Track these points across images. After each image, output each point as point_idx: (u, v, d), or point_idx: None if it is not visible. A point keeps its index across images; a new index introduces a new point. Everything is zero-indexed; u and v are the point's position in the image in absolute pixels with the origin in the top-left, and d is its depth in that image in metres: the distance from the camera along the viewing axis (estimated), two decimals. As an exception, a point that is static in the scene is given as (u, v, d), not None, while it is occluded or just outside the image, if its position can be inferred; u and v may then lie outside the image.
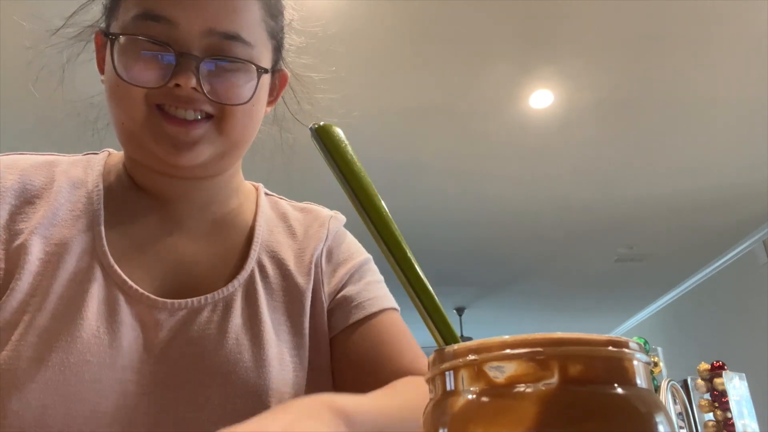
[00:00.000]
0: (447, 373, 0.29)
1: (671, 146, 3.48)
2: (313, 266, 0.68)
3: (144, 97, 0.56)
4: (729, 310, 5.07)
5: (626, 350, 0.28)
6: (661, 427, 0.27)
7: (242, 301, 0.62)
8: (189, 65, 0.55)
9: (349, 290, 0.68)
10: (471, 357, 0.28)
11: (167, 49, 0.56)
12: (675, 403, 1.30)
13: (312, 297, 0.67)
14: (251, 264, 0.65)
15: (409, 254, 0.32)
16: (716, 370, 1.68)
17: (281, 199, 0.77)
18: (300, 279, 0.67)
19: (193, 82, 0.55)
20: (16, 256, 0.56)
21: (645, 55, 2.78)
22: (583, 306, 6.51)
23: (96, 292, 0.57)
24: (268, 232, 0.69)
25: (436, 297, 0.32)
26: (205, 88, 0.56)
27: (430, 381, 0.31)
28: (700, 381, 1.71)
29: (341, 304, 0.67)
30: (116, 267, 0.58)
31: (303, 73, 0.75)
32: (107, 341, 0.55)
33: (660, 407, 0.28)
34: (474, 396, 0.27)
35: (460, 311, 6.49)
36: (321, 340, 0.66)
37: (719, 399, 1.65)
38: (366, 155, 3.55)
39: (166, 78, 0.55)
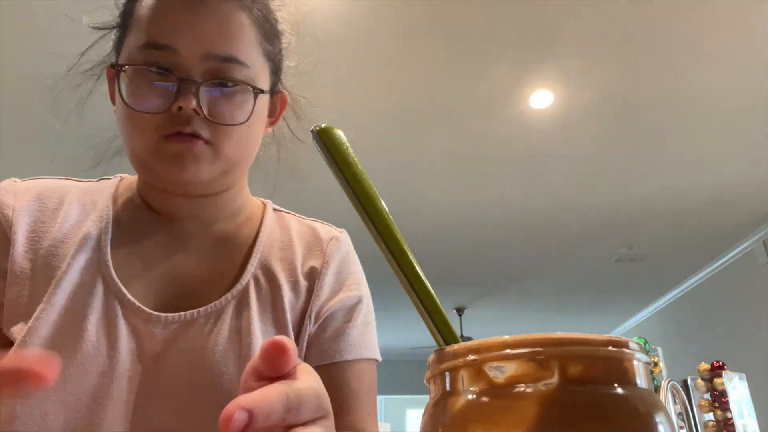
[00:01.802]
0: (447, 373, 0.29)
1: (671, 146, 3.48)
2: (304, 286, 0.69)
3: (154, 128, 0.60)
4: (729, 310, 5.07)
5: (626, 350, 0.28)
6: (661, 427, 0.27)
7: (233, 314, 0.64)
8: (189, 89, 0.59)
9: (331, 326, 0.69)
10: (471, 357, 0.28)
11: (169, 76, 0.60)
12: (675, 403, 1.30)
13: (300, 316, 0.68)
14: (246, 277, 0.67)
15: (410, 255, 0.32)
16: (716, 370, 1.68)
17: (290, 214, 0.78)
18: (291, 295, 0.68)
19: (194, 104, 0.59)
20: (23, 273, 0.61)
21: (645, 55, 2.79)
22: (583, 306, 6.51)
23: (97, 305, 0.60)
24: (269, 247, 0.71)
25: (436, 297, 0.32)
26: (205, 110, 0.60)
27: (430, 381, 0.31)
28: (700, 381, 1.71)
29: (319, 340, 0.68)
30: (117, 281, 0.62)
31: (300, 95, 0.78)
32: (105, 352, 0.58)
33: (660, 407, 0.28)
34: (474, 396, 0.27)
35: (460, 311, 6.49)
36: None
37: (719, 399, 1.65)
38: (366, 155, 3.55)
39: (169, 104, 0.59)
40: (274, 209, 0.77)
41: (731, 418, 1.59)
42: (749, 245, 4.72)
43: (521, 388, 0.26)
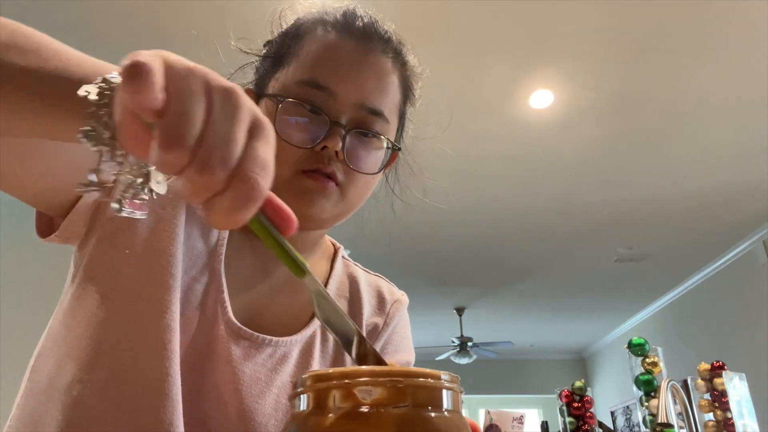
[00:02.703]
0: (319, 392, 0.36)
1: (671, 146, 3.48)
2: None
3: (295, 161, 0.62)
4: (729, 310, 5.07)
5: (432, 380, 0.36)
6: None
7: (297, 359, 0.66)
8: (338, 132, 0.62)
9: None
10: (345, 380, 0.35)
11: (322, 116, 0.62)
12: (675, 403, 1.30)
13: None
14: (315, 325, 0.68)
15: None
16: (716, 370, 1.68)
17: (356, 265, 0.81)
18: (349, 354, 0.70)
19: (339, 146, 0.61)
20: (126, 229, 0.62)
21: (645, 55, 2.79)
22: (583, 306, 6.51)
23: (198, 290, 0.62)
24: (337, 296, 0.73)
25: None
26: (345, 155, 0.63)
27: (297, 397, 0.37)
28: (700, 381, 1.71)
29: None
30: (222, 275, 0.63)
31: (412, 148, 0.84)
32: (190, 338, 0.60)
33: (462, 428, 0.36)
34: (342, 414, 0.34)
35: (460, 311, 6.49)
36: None
37: (719, 399, 1.65)
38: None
39: (315, 141, 0.61)
40: (343, 257, 0.80)
41: (731, 418, 1.59)
42: (749, 245, 4.72)
43: (380, 408, 0.34)
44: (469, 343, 6.50)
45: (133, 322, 0.56)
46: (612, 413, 7.53)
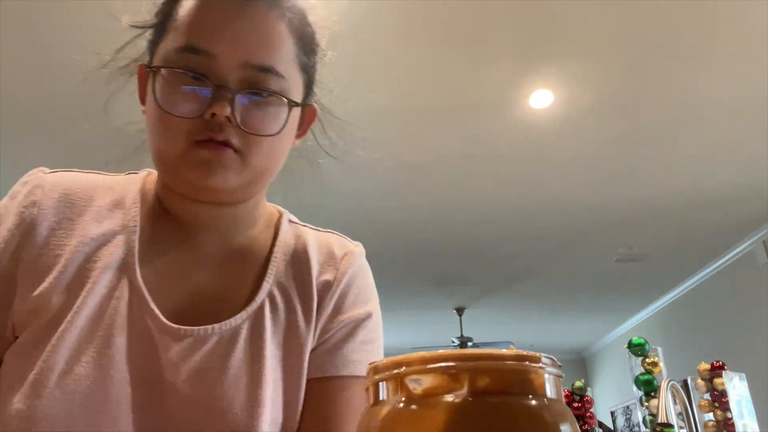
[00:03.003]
0: (378, 384, 0.33)
1: (671, 146, 3.48)
2: (315, 305, 0.68)
3: (185, 133, 0.59)
4: (729, 310, 5.07)
5: (532, 364, 0.31)
6: None
7: (247, 336, 0.63)
8: (224, 96, 0.59)
9: (334, 341, 0.68)
10: (395, 371, 0.32)
11: (205, 82, 0.59)
12: (675, 403, 1.30)
13: (311, 333, 0.67)
14: (261, 296, 0.66)
15: None
16: (716, 370, 1.68)
17: (306, 226, 0.76)
18: (304, 317, 0.67)
19: (228, 111, 0.58)
20: (49, 271, 0.60)
21: (645, 55, 2.79)
22: (583, 306, 6.51)
23: (122, 309, 0.60)
24: (284, 262, 0.70)
25: None
26: (238, 119, 0.59)
27: (366, 390, 0.35)
28: (700, 381, 1.71)
29: (319, 351, 0.67)
30: (143, 286, 0.61)
31: (330, 109, 0.79)
32: (126, 359, 0.58)
33: (567, 416, 0.31)
34: (396, 405, 0.31)
35: (460, 311, 6.49)
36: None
37: (719, 399, 1.65)
38: (366, 155, 3.55)
39: (203, 109, 0.58)
40: (290, 221, 0.76)
41: (731, 418, 1.59)
42: (749, 245, 4.72)
43: (435, 398, 0.30)
44: (469, 343, 6.50)
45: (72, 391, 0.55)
46: (612, 413, 7.53)
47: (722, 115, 3.20)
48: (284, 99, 0.62)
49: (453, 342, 6.58)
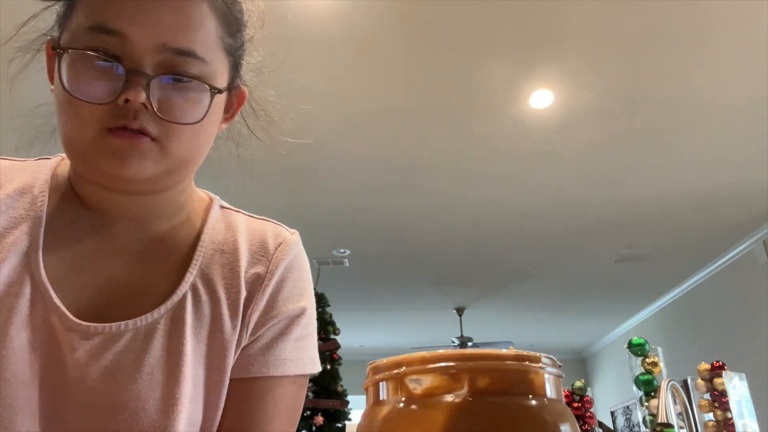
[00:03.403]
0: (378, 384, 0.33)
1: (671, 146, 3.48)
2: (242, 300, 0.63)
3: (96, 119, 0.54)
4: (729, 310, 5.07)
5: (531, 364, 0.31)
6: None
7: (165, 331, 0.59)
8: (139, 81, 0.54)
9: (266, 340, 0.64)
10: (395, 371, 0.32)
11: (117, 65, 0.54)
12: (675, 403, 1.30)
13: (239, 330, 0.63)
14: (183, 288, 0.61)
15: None
16: (716, 370, 1.68)
17: (238, 212, 0.71)
18: (230, 312, 0.62)
19: (143, 97, 0.53)
20: None
21: (645, 55, 2.79)
22: (583, 306, 6.51)
23: (23, 307, 0.55)
24: (212, 251, 0.65)
25: None
26: (155, 105, 0.54)
27: (366, 390, 0.34)
28: (700, 381, 1.71)
29: (248, 350, 0.63)
30: (46, 282, 0.57)
31: (260, 92, 0.72)
32: (27, 359, 0.54)
33: (566, 416, 0.31)
34: (396, 405, 0.31)
35: (460, 311, 6.49)
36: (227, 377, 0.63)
37: (719, 399, 1.65)
38: (366, 155, 3.55)
39: (115, 94, 0.54)
40: (222, 206, 0.70)
41: (731, 418, 1.59)
42: (749, 245, 4.72)
43: (435, 398, 0.30)
44: (469, 343, 6.50)
45: None
46: (612, 413, 7.53)
47: (722, 115, 3.20)
48: (206, 85, 0.57)
49: (453, 342, 6.58)
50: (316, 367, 0.67)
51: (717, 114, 3.20)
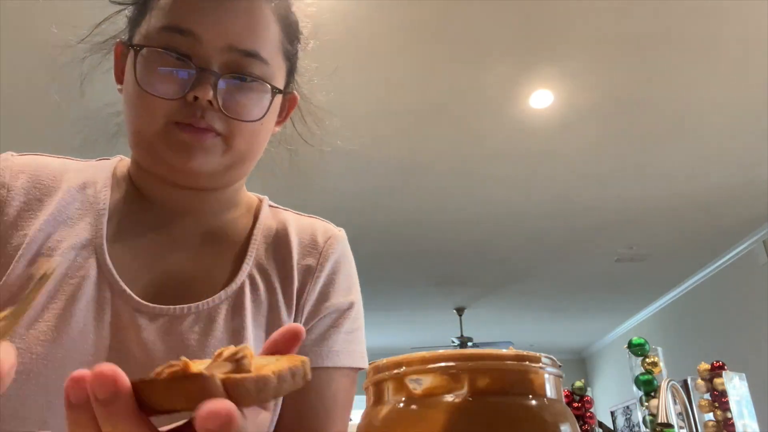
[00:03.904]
0: (378, 383, 0.32)
1: (671, 146, 3.48)
2: (295, 289, 0.67)
3: (165, 113, 0.58)
4: (729, 310, 5.07)
5: (531, 364, 0.31)
6: None
7: (227, 315, 0.62)
8: (207, 79, 0.58)
9: (318, 332, 0.67)
10: (395, 371, 0.31)
11: (188, 63, 0.58)
12: (675, 403, 1.30)
13: (293, 317, 0.66)
14: (242, 277, 0.65)
15: None
16: (716, 370, 1.68)
17: (287, 210, 0.75)
18: (285, 300, 0.66)
19: (210, 95, 0.57)
20: (17, 252, 0.58)
21: (645, 55, 2.79)
22: (583, 306, 6.51)
23: (88, 290, 0.58)
24: (264, 245, 0.68)
25: None
26: (221, 103, 0.58)
27: (366, 390, 0.34)
28: (700, 381, 1.71)
29: (305, 341, 0.65)
30: (111, 267, 0.60)
31: (311, 95, 0.77)
32: (92, 340, 0.56)
33: (566, 416, 0.31)
34: (396, 405, 0.31)
35: (460, 311, 6.49)
36: None
37: (719, 399, 1.65)
38: (366, 155, 3.55)
39: (184, 91, 0.57)
40: (270, 205, 0.74)
41: (731, 418, 1.59)
42: (749, 245, 4.72)
43: (435, 398, 0.30)
44: (469, 343, 6.50)
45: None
46: (612, 413, 7.53)
47: (722, 115, 3.20)
48: (267, 85, 0.61)
49: (453, 342, 6.58)
50: (365, 363, 0.69)
51: (717, 114, 3.19)
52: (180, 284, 0.63)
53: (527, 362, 0.31)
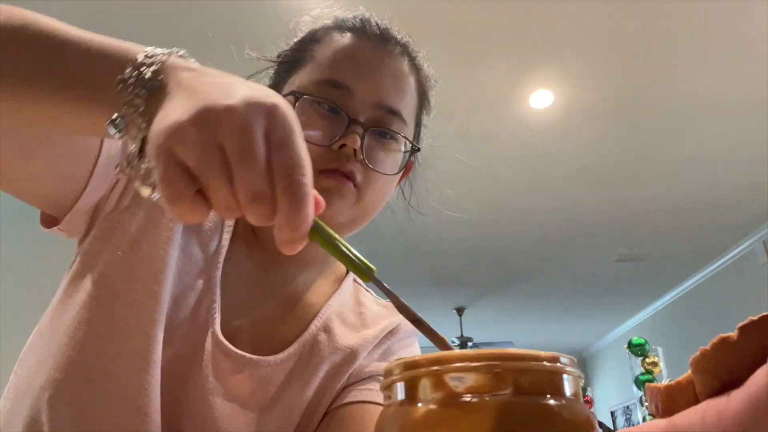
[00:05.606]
0: (411, 380, 0.31)
1: (671, 146, 3.48)
2: (351, 367, 0.68)
3: (312, 161, 0.59)
4: (729, 310, 5.07)
5: (563, 365, 0.31)
6: None
7: (282, 380, 0.63)
8: (356, 130, 0.61)
9: (368, 369, 0.69)
10: (434, 368, 0.31)
11: (340, 113, 0.62)
12: (675, 403, 1.30)
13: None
14: (301, 343, 0.66)
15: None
16: (716, 370, 1.68)
17: (367, 291, 0.79)
18: (343, 360, 0.67)
19: (358, 144, 0.61)
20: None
21: (645, 55, 2.78)
22: (583, 306, 6.51)
23: (191, 300, 0.60)
24: (337, 317, 0.71)
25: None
26: (364, 153, 0.62)
27: (388, 389, 0.33)
28: (700, 381, 1.71)
29: (352, 383, 0.68)
30: (217, 289, 0.62)
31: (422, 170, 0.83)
32: (189, 355, 0.58)
33: (591, 417, 0.31)
34: (430, 404, 0.30)
35: (460, 311, 6.48)
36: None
37: (719, 399, 1.65)
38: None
39: (333, 139, 0.61)
40: (354, 280, 0.78)
41: (731, 418, 1.59)
42: (749, 245, 4.72)
43: (476, 397, 0.29)
44: (469, 343, 6.49)
45: (114, 327, 0.53)
46: (612, 413, 7.53)
47: (722, 115, 3.20)
48: (406, 142, 0.67)
49: (453, 342, 6.58)
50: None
51: (717, 114, 3.19)
52: (251, 330, 0.64)
53: (559, 363, 0.31)
